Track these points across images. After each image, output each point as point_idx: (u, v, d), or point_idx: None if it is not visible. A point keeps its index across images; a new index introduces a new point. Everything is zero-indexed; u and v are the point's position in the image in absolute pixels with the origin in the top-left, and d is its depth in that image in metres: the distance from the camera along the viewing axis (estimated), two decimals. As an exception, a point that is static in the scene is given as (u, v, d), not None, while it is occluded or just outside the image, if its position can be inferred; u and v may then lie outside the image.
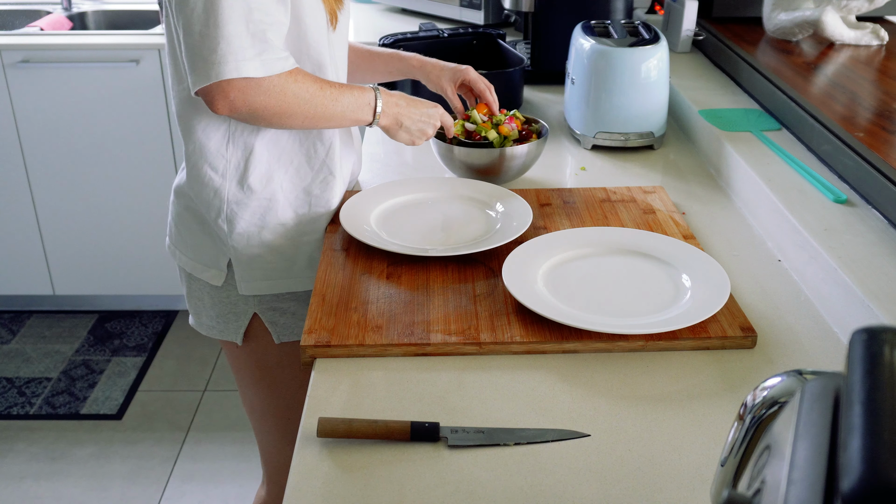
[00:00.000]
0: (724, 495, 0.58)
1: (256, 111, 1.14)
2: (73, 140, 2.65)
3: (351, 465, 0.85)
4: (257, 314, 1.33)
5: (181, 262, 1.36)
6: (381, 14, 2.82)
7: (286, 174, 1.28)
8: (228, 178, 1.25)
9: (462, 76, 1.49)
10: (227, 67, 1.08)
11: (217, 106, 1.12)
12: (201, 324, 1.39)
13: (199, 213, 1.29)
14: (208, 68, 1.09)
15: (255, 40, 1.10)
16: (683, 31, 2.06)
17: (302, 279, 1.32)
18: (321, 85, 1.19)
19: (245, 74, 1.09)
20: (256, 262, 1.29)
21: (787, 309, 1.12)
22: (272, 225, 1.28)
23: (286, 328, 1.34)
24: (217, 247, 1.30)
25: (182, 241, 1.34)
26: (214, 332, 1.37)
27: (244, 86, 1.10)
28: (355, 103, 1.24)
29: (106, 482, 2.30)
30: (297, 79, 1.16)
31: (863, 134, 1.33)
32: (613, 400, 0.94)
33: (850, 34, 1.86)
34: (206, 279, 1.32)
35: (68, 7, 2.97)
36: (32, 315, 3.03)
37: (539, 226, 1.31)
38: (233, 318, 1.34)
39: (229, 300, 1.33)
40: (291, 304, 1.33)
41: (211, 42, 1.08)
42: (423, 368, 1.00)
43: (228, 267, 1.30)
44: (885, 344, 0.40)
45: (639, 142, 1.64)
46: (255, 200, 1.26)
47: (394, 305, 1.09)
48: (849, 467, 0.34)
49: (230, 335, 1.35)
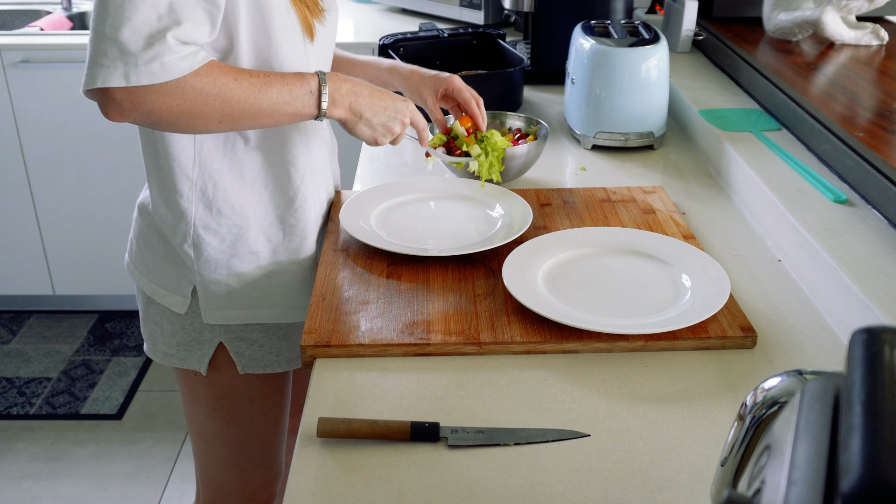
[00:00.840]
0: (724, 495, 0.58)
1: (154, 115, 1.00)
2: (73, 140, 2.65)
3: (351, 465, 0.85)
4: (223, 343, 1.23)
5: (141, 284, 1.26)
6: (381, 14, 2.82)
7: (259, 200, 1.18)
8: (195, 201, 1.16)
9: (445, 85, 1.35)
10: (115, 74, 0.96)
11: (109, 113, 1.00)
12: (157, 351, 1.28)
13: (163, 235, 1.20)
14: (96, 72, 0.96)
15: (151, 42, 0.96)
16: (683, 31, 2.06)
17: (274, 311, 1.24)
18: (237, 76, 1.04)
19: (135, 83, 0.97)
20: (224, 291, 1.20)
21: (787, 309, 1.12)
22: (242, 253, 1.19)
23: (252, 359, 1.25)
24: (182, 272, 1.20)
25: (143, 261, 1.25)
26: (173, 361, 1.26)
27: (133, 91, 0.97)
28: (289, 94, 1.07)
29: (106, 482, 2.30)
30: (201, 73, 1.01)
31: (863, 134, 1.33)
32: (613, 400, 0.94)
33: (850, 34, 1.86)
34: (168, 305, 1.22)
35: (68, 7, 2.97)
36: (32, 315, 3.03)
37: (539, 226, 1.31)
38: (196, 346, 1.23)
39: (193, 328, 1.22)
40: (260, 335, 1.24)
41: (102, 43, 0.96)
42: (423, 368, 1.00)
43: (193, 294, 1.20)
44: (885, 344, 0.40)
45: (639, 142, 1.64)
46: (225, 226, 1.17)
47: (394, 306, 1.09)
48: (849, 467, 0.34)
49: (193, 364, 1.24)
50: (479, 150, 1.30)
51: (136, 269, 1.27)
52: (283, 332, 1.26)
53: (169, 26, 0.97)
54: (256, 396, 1.29)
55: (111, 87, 0.97)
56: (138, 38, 0.96)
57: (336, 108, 1.13)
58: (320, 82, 1.10)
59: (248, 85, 1.04)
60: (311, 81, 1.10)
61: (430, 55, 1.98)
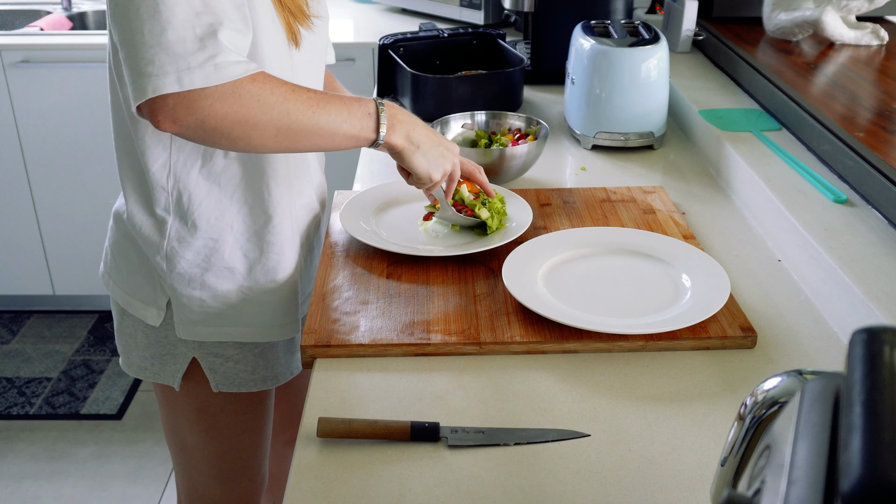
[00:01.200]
0: (724, 495, 0.58)
1: (207, 123, 0.94)
2: (73, 140, 2.65)
3: (351, 465, 0.85)
4: (196, 359, 1.19)
5: (115, 296, 1.22)
6: (381, 14, 2.82)
7: (237, 213, 1.13)
8: (170, 212, 1.11)
9: None
10: (167, 80, 0.91)
11: (161, 123, 0.94)
12: (131, 364, 1.24)
13: (137, 245, 1.16)
14: (145, 82, 0.91)
15: (202, 43, 0.92)
16: (683, 31, 2.06)
17: (249, 329, 1.19)
18: (295, 89, 0.99)
19: (189, 87, 0.91)
20: (197, 306, 1.15)
21: (787, 309, 1.12)
22: (217, 268, 1.14)
23: (226, 377, 1.20)
24: (156, 284, 1.16)
25: (118, 272, 1.21)
26: (147, 375, 1.22)
27: (188, 96, 0.92)
28: (348, 113, 1.03)
29: (106, 482, 2.30)
30: (257, 79, 0.95)
31: (863, 134, 1.33)
32: (613, 400, 0.94)
33: (850, 34, 1.86)
34: (142, 317, 1.18)
35: (68, 7, 2.97)
36: (32, 315, 3.03)
37: (539, 226, 1.31)
38: (170, 359, 1.19)
39: (167, 341, 1.18)
40: (235, 352, 1.19)
41: (148, 51, 0.91)
42: (423, 368, 1.00)
43: (168, 306, 1.16)
44: (885, 344, 0.40)
45: (639, 142, 1.64)
46: (200, 240, 1.12)
47: (394, 305, 1.09)
48: (849, 467, 0.34)
49: (166, 378, 1.21)
50: (487, 214, 1.25)
51: (110, 279, 1.23)
52: (259, 349, 1.21)
53: (213, 24, 0.93)
54: (236, 410, 1.25)
55: (164, 95, 0.91)
56: (185, 39, 0.91)
57: (395, 134, 1.08)
58: (377, 106, 1.06)
59: (305, 98, 0.99)
60: (369, 104, 1.06)
61: (431, 55, 1.98)
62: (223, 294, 1.16)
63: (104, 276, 1.26)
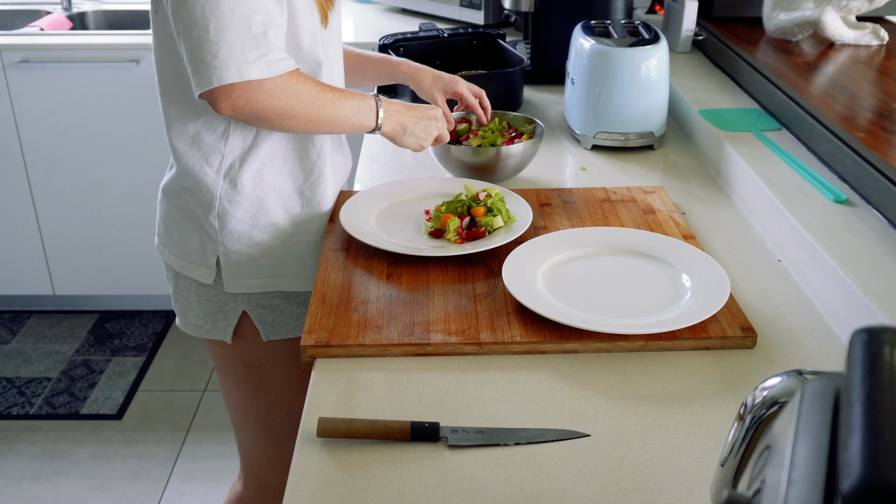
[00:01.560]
0: (724, 495, 0.58)
1: (259, 112, 1.14)
2: (73, 140, 2.65)
3: (351, 465, 0.85)
4: (246, 312, 1.32)
5: (169, 261, 1.35)
6: (381, 14, 2.82)
7: (279, 174, 1.27)
8: (222, 174, 1.25)
9: (453, 88, 1.50)
10: (229, 72, 1.08)
11: (221, 108, 1.12)
12: (188, 323, 1.37)
13: (189, 211, 1.29)
14: (210, 73, 1.08)
15: (257, 42, 1.09)
16: (683, 31, 2.06)
17: (291, 279, 1.32)
18: (322, 87, 1.19)
19: (247, 78, 1.09)
20: (245, 261, 1.28)
21: (787, 309, 1.12)
22: (263, 224, 1.28)
23: (275, 326, 1.34)
24: (206, 245, 1.29)
25: (171, 239, 1.34)
26: (202, 332, 1.35)
27: (247, 87, 1.10)
28: (357, 108, 1.24)
29: (106, 482, 2.29)
30: (299, 80, 1.15)
31: (863, 134, 1.33)
32: (613, 400, 0.94)
33: (850, 34, 1.86)
34: (196, 277, 1.31)
35: (68, 7, 2.97)
36: (32, 315, 3.03)
37: (539, 226, 1.31)
38: (221, 316, 1.33)
39: (217, 298, 1.32)
40: (280, 301, 1.33)
41: (212, 46, 1.07)
42: (423, 368, 1.00)
43: (217, 265, 1.29)
44: (885, 344, 0.40)
45: (639, 142, 1.64)
46: (247, 199, 1.26)
47: (394, 305, 1.09)
48: (849, 467, 0.34)
49: (219, 334, 1.34)
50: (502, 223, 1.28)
51: (164, 248, 1.36)
52: (300, 298, 1.34)
53: (266, 23, 1.10)
54: (281, 363, 1.36)
55: (229, 87, 1.09)
56: (244, 37, 1.08)
57: (388, 123, 1.29)
58: (377, 102, 1.27)
59: (330, 96, 1.19)
60: (370, 101, 1.26)
61: (431, 55, 1.97)
62: (267, 247, 1.29)
63: (159, 247, 1.38)
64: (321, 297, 1.12)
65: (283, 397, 1.40)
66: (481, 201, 1.29)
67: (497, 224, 1.26)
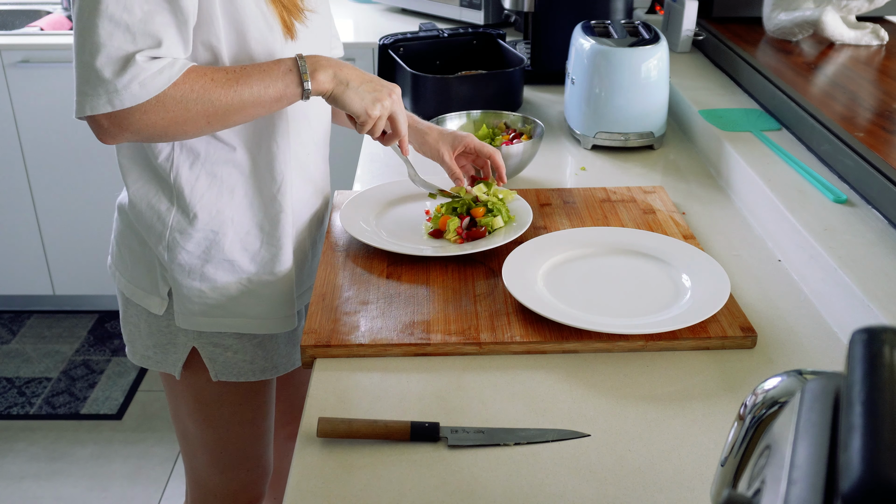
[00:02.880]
0: (724, 495, 0.58)
1: (142, 132, 1.02)
2: (73, 140, 2.65)
3: (351, 465, 0.85)
4: (195, 348, 1.22)
5: (120, 285, 1.26)
6: (381, 14, 2.82)
7: (238, 206, 1.16)
8: (174, 202, 1.15)
9: (464, 142, 1.32)
10: (99, 101, 0.99)
11: (101, 138, 1.03)
12: (135, 353, 1.28)
13: (140, 235, 1.19)
14: (84, 101, 0.99)
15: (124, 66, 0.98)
16: (683, 31, 2.06)
17: (247, 321, 1.22)
18: (213, 75, 1.04)
19: (119, 107, 0.99)
20: (197, 297, 1.18)
21: (787, 309, 1.12)
22: (217, 260, 1.17)
23: (225, 366, 1.23)
24: (158, 273, 1.19)
25: (123, 262, 1.25)
26: (151, 363, 1.26)
27: (118, 115, 1.00)
28: (268, 77, 1.05)
29: (106, 482, 2.29)
30: (178, 83, 1.01)
31: (863, 134, 1.33)
32: (613, 400, 0.94)
33: (850, 34, 1.86)
34: (146, 306, 1.22)
35: (68, 7, 2.97)
36: (32, 315, 3.03)
37: (539, 226, 1.31)
38: (171, 349, 1.23)
39: (168, 330, 1.22)
40: (234, 342, 1.22)
41: (85, 71, 0.99)
42: (423, 368, 1.00)
43: (170, 296, 1.20)
44: (885, 344, 0.40)
45: (639, 142, 1.64)
46: (200, 232, 1.15)
47: (394, 306, 1.09)
48: (849, 467, 0.34)
49: (168, 367, 1.25)
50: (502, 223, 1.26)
51: (116, 270, 1.27)
52: (257, 340, 1.24)
53: (142, 48, 0.99)
54: (234, 401, 1.28)
55: (98, 115, 1.00)
56: (113, 63, 0.98)
57: (320, 79, 1.08)
58: (297, 60, 1.08)
59: (224, 81, 1.04)
60: (287, 61, 1.07)
61: (431, 55, 1.98)
62: (222, 285, 1.19)
63: (111, 267, 1.30)
64: (321, 297, 1.12)
65: (236, 433, 1.31)
66: (480, 202, 1.29)
67: (497, 224, 1.26)
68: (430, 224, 1.29)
